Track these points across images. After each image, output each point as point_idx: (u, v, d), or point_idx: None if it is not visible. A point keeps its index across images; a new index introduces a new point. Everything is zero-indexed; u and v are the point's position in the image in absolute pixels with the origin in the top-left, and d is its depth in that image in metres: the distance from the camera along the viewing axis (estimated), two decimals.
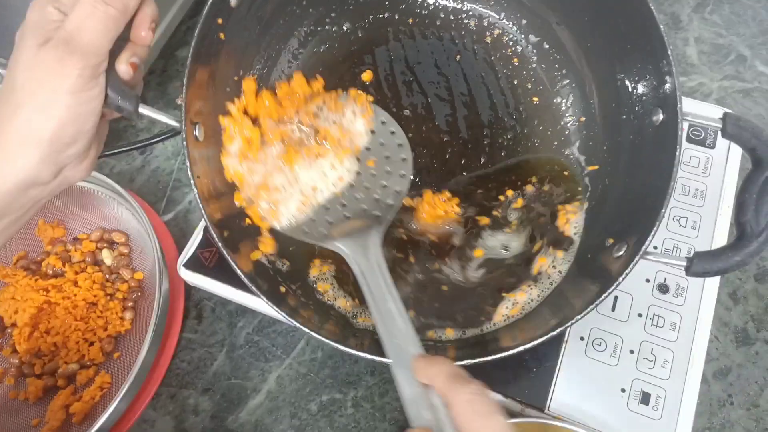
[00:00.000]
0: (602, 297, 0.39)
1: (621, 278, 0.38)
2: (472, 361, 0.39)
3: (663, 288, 0.50)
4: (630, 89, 0.44)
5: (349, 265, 0.42)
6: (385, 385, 0.53)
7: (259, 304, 0.52)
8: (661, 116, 0.41)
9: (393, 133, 0.49)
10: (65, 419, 0.51)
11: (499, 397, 0.47)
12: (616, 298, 0.50)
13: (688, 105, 0.57)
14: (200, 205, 0.39)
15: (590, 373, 0.47)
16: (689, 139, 0.56)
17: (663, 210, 0.38)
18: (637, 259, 0.38)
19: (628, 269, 0.38)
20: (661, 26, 0.39)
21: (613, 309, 0.50)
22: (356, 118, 0.48)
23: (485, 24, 0.54)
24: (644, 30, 0.40)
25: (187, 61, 0.39)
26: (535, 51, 0.53)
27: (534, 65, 0.53)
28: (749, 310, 0.54)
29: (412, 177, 0.47)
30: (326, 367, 0.54)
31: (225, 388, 0.54)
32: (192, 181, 0.38)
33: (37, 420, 0.51)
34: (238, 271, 0.39)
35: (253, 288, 0.39)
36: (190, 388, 0.54)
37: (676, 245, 0.52)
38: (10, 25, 0.51)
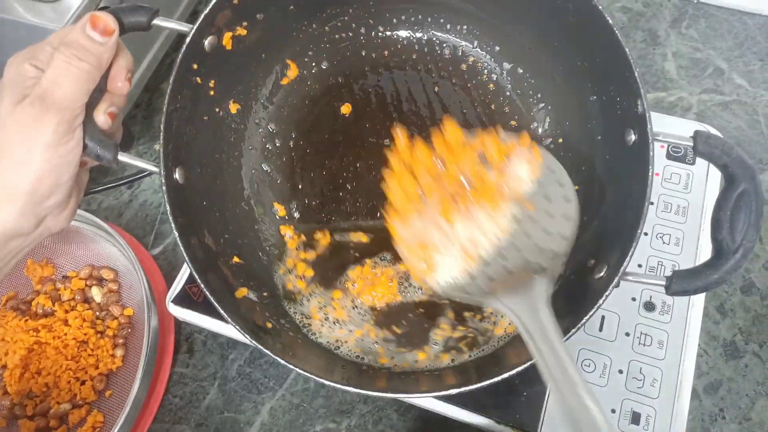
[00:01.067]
0: (583, 320, 0.39)
1: (601, 301, 0.38)
2: (467, 388, 0.39)
3: (649, 306, 0.51)
4: (602, 110, 0.45)
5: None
6: (378, 413, 0.53)
7: None
8: (633, 137, 0.41)
9: (552, 171, 0.44)
10: None
11: (491, 422, 0.47)
12: (603, 317, 0.50)
13: (665, 122, 0.58)
14: (182, 248, 0.39)
15: None
16: (669, 156, 0.56)
17: (639, 231, 0.38)
18: (616, 280, 0.39)
19: (608, 291, 0.38)
20: (627, 49, 0.40)
21: (601, 329, 0.50)
22: (521, 163, 0.44)
23: (459, 53, 0.55)
24: (612, 54, 0.41)
25: (164, 107, 0.39)
26: (509, 77, 0.54)
27: (509, 91, 0.54)
28: (737, 323, 0.54)
29: (578, 219, 0.42)
30: (319, 397, 0.54)
31: (218, 422, 0.54)
32: (173, 225, 0.39)
33: None
34: (224, 313, 0.39)
35: (239, 329, 0.39)
36: (183, 424, 0.54)
37: (660, 262, 0.52)
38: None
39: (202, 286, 0.39)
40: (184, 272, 0.55)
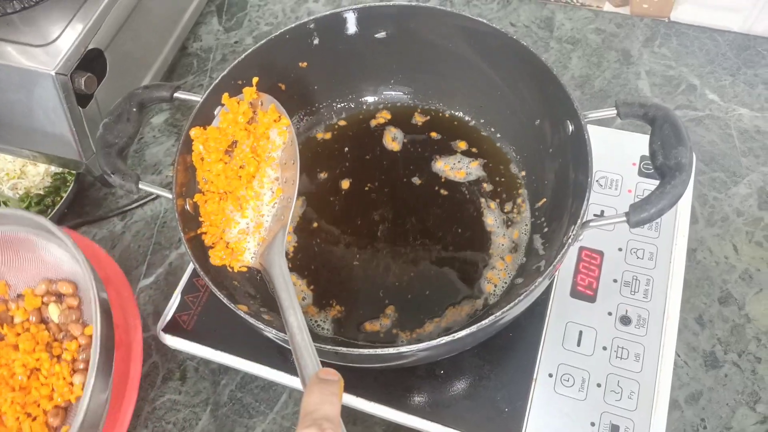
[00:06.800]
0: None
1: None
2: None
3: (625, 320, 0.52)
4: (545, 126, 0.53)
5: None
6: None
7: (239, 362, 0.54)
8: (570, 127, 0.47)
9: (292, 141, 0.50)
10: None
11: None
12: (580, 332, 0.52)
13: (636, 139, 0.61)
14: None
15: (560, 409, 0.49)
16: (641, 173, 0.58)
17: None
18: (579, 222, 0.42)
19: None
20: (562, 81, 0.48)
21: (579, 344, 0.51)
22: (274, 129, 0.50)
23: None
24: (548, 81, 0.48)
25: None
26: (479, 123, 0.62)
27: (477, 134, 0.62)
28: (716, 334, 0.55)
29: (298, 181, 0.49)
30: None
31: None
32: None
33: None
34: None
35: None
36: None
37: (635, 277, 0.53)
38: None
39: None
40: (174, 301, 0.56)
